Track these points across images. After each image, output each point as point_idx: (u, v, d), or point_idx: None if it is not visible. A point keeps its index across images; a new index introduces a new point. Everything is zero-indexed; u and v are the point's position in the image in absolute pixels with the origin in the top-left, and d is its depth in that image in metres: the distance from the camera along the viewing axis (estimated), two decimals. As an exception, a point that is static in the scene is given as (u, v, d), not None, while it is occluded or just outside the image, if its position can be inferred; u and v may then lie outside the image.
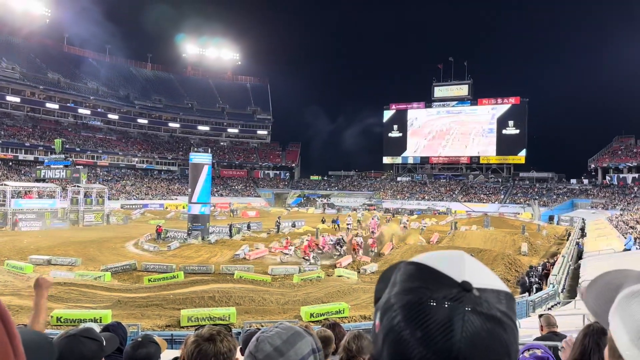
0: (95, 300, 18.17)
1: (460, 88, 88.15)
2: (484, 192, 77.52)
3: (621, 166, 69.36)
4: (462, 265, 0.71)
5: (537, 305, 16.19)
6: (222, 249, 31.34)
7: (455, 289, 0.67)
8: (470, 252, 20.44)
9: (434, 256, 0.74)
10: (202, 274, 23.94)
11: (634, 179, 66.97)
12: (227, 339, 1.84)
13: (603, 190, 67.43)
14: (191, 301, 17.90)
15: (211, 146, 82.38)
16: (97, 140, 77.92)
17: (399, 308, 0.68)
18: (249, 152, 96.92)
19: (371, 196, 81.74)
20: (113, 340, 2.38)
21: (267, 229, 43.26)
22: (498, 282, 0.73)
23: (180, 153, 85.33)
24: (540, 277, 21.38)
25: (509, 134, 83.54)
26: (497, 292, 0.70)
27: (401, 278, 0.72)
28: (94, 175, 68.63)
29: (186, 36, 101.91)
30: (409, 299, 0.68)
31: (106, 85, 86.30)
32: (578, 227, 41.92)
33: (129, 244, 33.57)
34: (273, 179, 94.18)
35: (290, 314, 17.29)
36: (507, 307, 0.70)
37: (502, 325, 0.67)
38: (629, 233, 29.18)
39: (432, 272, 0.70)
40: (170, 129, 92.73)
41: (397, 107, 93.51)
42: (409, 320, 0.67)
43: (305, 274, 23.58)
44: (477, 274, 0.71)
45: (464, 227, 44.26)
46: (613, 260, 20.68)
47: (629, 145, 73.09)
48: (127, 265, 24.99)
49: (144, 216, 54.59)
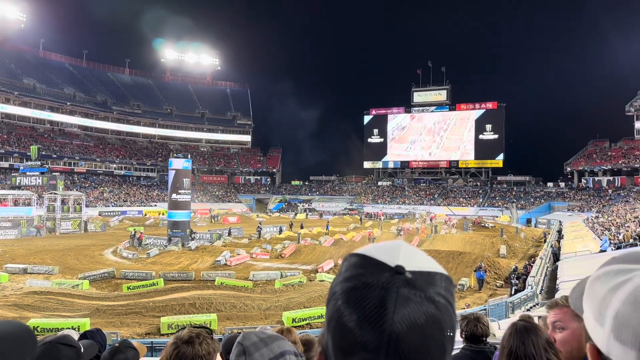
0: (73, 308, 17.86)
1: (438, 93, 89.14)
2: (463, 196, 78.38)
3: (596, 169, 70.76)
4: (397, 252, 0.75)
5: (516, 307, 16.39)
6: (202, 256, 31.10)
7: (389, 272, 0.71)
8: (450, 255, 20.54)
9: (374, 246, 0.78)
10: (183, 280, 23.75)
11: (609, 182, 68.36)
12: (207, 341, 1.83)
13: (579, 193, 68.72)
14: (171, 308, 17.73)
15: (191, 152, 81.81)
16: (74, 146, 76.64)
17: (340, 294, 0.72)
18: (229, 158, 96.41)
19: (352, 201, 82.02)
20: (92, 348, 2.34)
21: (248, 234, 43.11)
22: (434, 265, 0.76)
23: (159, 159, 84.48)
24: (518, 277, 21.71)
25: (487, 139, 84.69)
26: (431, 274, 0.73)
27: (344, 268, 0.76)
28: (71, 182, 67.52)
29: (165, 41, 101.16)
30: (349, 285, 0.72)
31: (83, 91, 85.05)
32: (555, 229, 42.62)
33: (107, 252, 33.11)
34: (254, 184, 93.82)
35: (272, 319, 17.23)
36: (441, 288, 0.72)
37: (435, 304, 0.70)
38: (604, 235, 29.76)
39: (370, 260, 0.74)
40: (149, 134, 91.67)
41: (377, 112, 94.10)
42: (347, 304, 0.70)
43: (287, 279, 23.54)
44: (411, 258, 0.74)
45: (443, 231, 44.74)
46: (589, 262, 21.04)
47: (604, 149, 74.65)
48: (105, 273, 24.65)
49: (122, 223, 53.84)
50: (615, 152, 71.85)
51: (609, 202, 59.93)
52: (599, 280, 0.81)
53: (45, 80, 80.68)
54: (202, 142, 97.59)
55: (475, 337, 3.21)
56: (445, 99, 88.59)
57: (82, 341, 2.34)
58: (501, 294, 20.89)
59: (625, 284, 0.75)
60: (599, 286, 0.80)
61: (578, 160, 74.75)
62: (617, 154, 70.90)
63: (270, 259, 31.38)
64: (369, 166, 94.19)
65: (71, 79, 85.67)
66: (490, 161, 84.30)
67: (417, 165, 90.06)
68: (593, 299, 0.80)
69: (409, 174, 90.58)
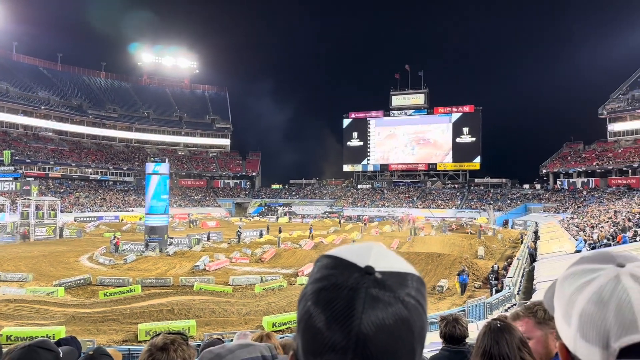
0: (47, 316, 17.47)
1: (417, 97, 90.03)
2: (442, 198, 79.14)
3: (571, 171, 72.13)
4: (368, 253, 0.75)
5: (494, 307, 16.56)
6: (181, 261, 30.79)
7: (358, 273, 0.71)
8: (429, 257, 20.64)
9: (345, 248, 0.78)
10: (161, 286, 23.46)
11: (583, 183, 69.77)
12: (182, 348, 1.79)
13: (554, 195, 69.97)
14: (149, 315, 17.46)
15: (169, 156, 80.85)
16: (48, 151, 75.18)
17: (309, 295, 0.72)
18: (208, 162, 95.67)
19: (332, 204, 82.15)
20: (72, 354, 2.30)
21: (227, 239, 42.80)
22: (405, 266, 0.76)
23: (136, 163, 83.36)
24: (497, 278, 21.95)
25: (464, 142, 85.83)
26: (402, 274, 0.73)
27: (316, 269, 0.76)
28: (46, 187, 66.25)
29: (142, 44, 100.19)
30: (318, 286, 0.71)
31: (58, 95, 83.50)
32: (531, 230, 43.27)
33: (83, 258, 32.52)
34: (233, 188, 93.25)
35: (252, 324, 17.10)
36: (412, 289, 0.72)
37: (404, 304, 0.69)
38: (579, 235, 30.31)
39: (341, 261, 0.74)
40: (126, 138, 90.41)
41: (356, 115, 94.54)
42: (317, 305, 0.70)
43: (267, 284, 23.41)
44: (382, 259, 0.74)
45: (422, 233, 45.08)
46: (565, 262, 21.36)
47: (578, 151, 76.19)
48: (81, 280, 24.21)
49: (98, 229, 52.98)
50: (589, 154, 73.37)
51: (583, 203, 61.12)
52: (567, 280, 0.83)
53: (19, 83, 78.96)
54: (180, 146, 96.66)
55: (454, 338, 3.23)
56: (424, 103, 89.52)
57: (63, 347, 2.29)
58: (480, 295, 21.08)
59: (590, 283, 0.78)
60: (567, 286, 0.82)
61: (553, 162, 76.12)
62: (591, 156, 72.41)
63: (250, 263, 31.20)
64: (349, 169, 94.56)
65: (45, 83, 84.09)
66: (467, 164, 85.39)
67: (396, 168, 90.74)
68: (561, 298, 0.83)
69: (388, 177, 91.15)
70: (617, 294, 0.75)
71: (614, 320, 0.73)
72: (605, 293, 0.75)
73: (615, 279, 0.77)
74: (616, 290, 0.75)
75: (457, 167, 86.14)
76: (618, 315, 0.73)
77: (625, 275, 0.77)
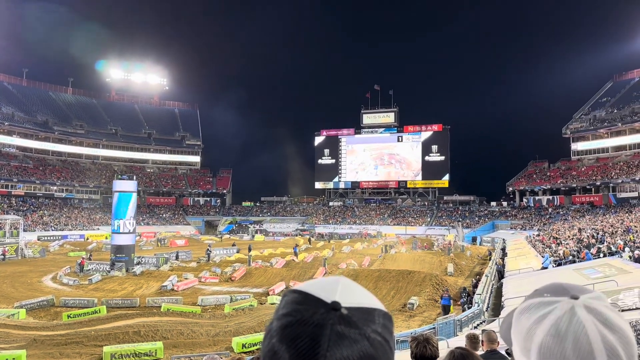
0: (7, 340, 16.79)
1: (387, 115, 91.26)
2: (412, 216, 79.89)
3: (537, 189, 73.94)
4: (335, 287, 0.75)
5: (463, 324, 16.68)
6: (148, 281, 30.13)
7: (324, 308, 0.70)
8: (400, 274, 20.69)
9: (313, 282, 0.78)
10: (127, 307, 22.90)
11: (549, 201, 71.57)
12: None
13: (521, 212, 71.50)
14: (115, 337, 16.95)
15: (137, 173, 79.46)
16: (11, 168, 72.96)
17: (275, 331, 0.71)
18: (177, 179, 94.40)
19: (304, 221, 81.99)
20: None
21: (197, 257, 42.14)
22: (372, 301, 0.76)
23: (103, 181, 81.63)
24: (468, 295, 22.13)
25: (434, 160, 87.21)
26: (368, 310, 0.73)
27: (282, 304, 0.75)
28: (8, 205, 64.37)
29: (110, 60, 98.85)
30: (284, 322, 0.71)
31: (23, 111, 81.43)
32: (499, 247, 43.99)
33: (46, 278, 31.51)
34: (203, 205, 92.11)
35: (221, 345, 16.79)
36: (378, 325, 0.72)
37: (370, 341, 0.69)
38: (545, 252, 30.97)
39: (308, 296, 0.73)
40: (93, 155, 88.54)
41: (327, 133, 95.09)
42: (281, 341, 0.69)
43: (237, 303, 23.10)
44: (349, 294, 0.74)
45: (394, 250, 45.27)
46: (532, 278, 21.80)
47: (543, 169, 78.25)
48: (44, 301, 23.46)
49: (63, 248, 51.46)
50: (554, 173, 75.42)
51: (549, 221, 62.60)
52: (523, 314, 0.86)
53: (-19, 98, 76.84)
54: (148, 162, 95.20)
55: (425, 359, 3.22)
56: (394, 121, 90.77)
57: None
58: (450, 313, 21.21)
59: (546, 316, 0.81)
60: (524, 320, 0.85)
61: (519, 180, 77.91)
62: (556, 174, 74.44)
63: (220, 282, 30.75)
64: (321, 187, 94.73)
65: (10, 98, 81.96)
66: (436, 181, 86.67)
67: (367, 186, 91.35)
68: (519, 332, 0.85)
69: (359, 194, 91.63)
70: (573, 327, 0.77)
71: (572, 352, 0.75)
72: (562, 325, 0.78)
73: (571, 312, 0.79)
74: (572, 322, 0.78)
75: (427, 184, 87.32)
76: (575, 347, 0.75)
77: (580, 307, 0.80)
